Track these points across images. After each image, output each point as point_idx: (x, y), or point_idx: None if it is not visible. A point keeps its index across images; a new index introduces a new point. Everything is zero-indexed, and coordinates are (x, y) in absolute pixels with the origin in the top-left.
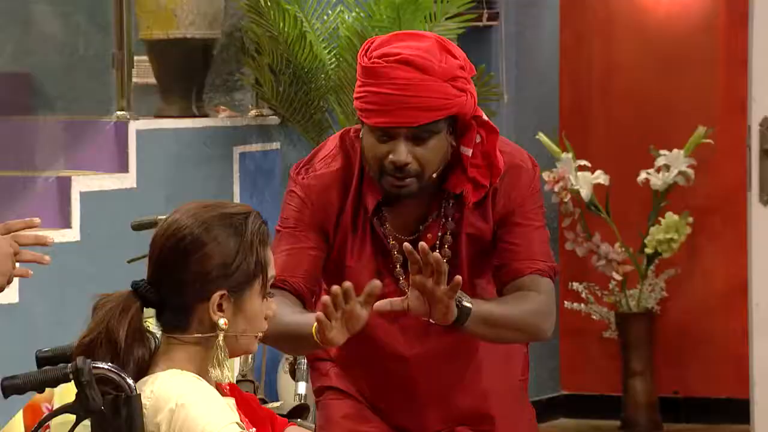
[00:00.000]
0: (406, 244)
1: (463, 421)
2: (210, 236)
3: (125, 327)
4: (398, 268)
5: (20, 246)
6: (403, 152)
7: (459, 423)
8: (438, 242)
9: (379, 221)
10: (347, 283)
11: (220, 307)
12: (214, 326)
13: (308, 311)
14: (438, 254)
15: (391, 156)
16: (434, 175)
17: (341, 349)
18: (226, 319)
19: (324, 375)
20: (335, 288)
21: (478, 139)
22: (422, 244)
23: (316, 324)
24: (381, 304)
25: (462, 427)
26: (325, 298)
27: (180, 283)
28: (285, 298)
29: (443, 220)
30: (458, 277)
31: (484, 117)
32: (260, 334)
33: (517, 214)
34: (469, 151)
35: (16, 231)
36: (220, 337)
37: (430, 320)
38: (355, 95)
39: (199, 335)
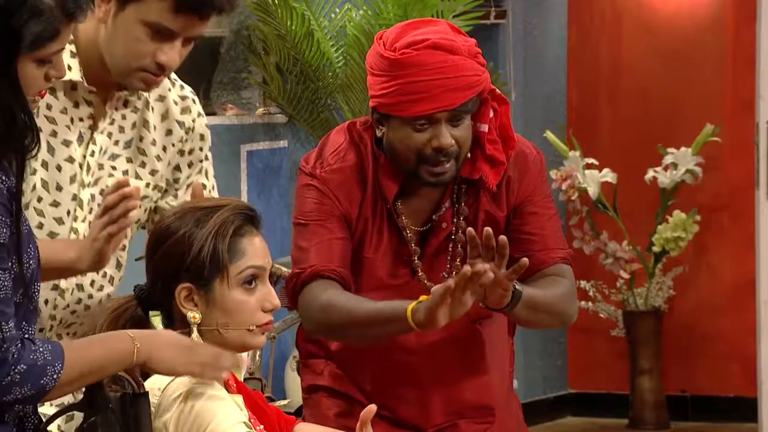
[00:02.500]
0: (469, 229)
1: (465, 414)
2: (172, 230)
3: (127, 328)
4: (416, 260)
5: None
6: (447, 135)
7: (461, 416)
8: (453, 230)
9: (395, 212)
10: (479, 266)
11: (190, 301)
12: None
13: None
14: (504, 237)
15: (434, 142)
16: (468, 156)
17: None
18: (195, 313)
19: (318, 374)
20: (466, 269)
21: (491, 114)
22: (487, 229)
23: (412, 306)
24: (437, 288)
25: (464, 420)
26: (450, 281)
27: (156, 279)
28: (334, 287)
29: (456, 207)
30: (524, 260)
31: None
32: (254, 328)
33: (531, 203)
34: (486, 127)
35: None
36: (194, 333)
37: (481, 304)
38: (377, 92)
39: (179, 331)
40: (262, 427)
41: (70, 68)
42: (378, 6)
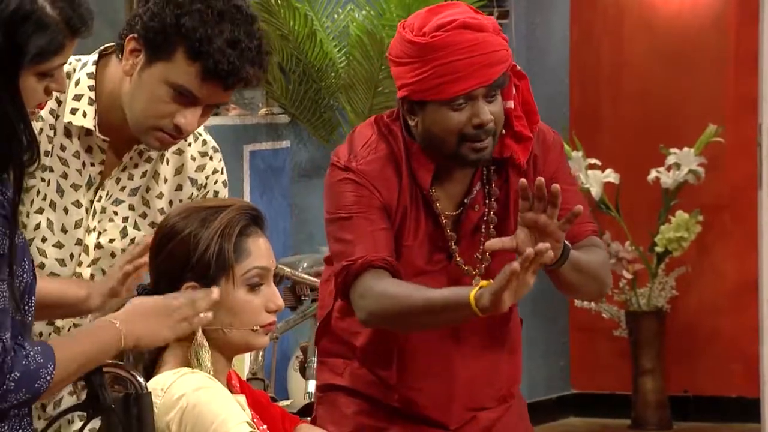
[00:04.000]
0: (522, 180)
1: (486, 405)
2: (177, 230)
3: None
4: (452, 245)
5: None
6: (486, 111)
7: (482, 408)
8: (486, 212)
9: (431, 199)
10: (540, 246)
11: None
12: None
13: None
14: (557, 186)
15: (474, 119)
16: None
17: (376, 333)
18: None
19: (337, 374)
20: (528, 251)
21: (513, 91)
22: (540, 179)
23: (474, 292)
24: (491, 243)
25: (484, 411)
26: (515, 264)
27: (160, 278)
28: (387, 276)
29: (487, 188)
30: (578, 207)
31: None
32: (258, 328)
33: (557, 179)
34: (511, 104)
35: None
36: (198, 333)
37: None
38: (409, 80)
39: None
40: (265, 427)
41: (85, 115)
42: (380, 6)
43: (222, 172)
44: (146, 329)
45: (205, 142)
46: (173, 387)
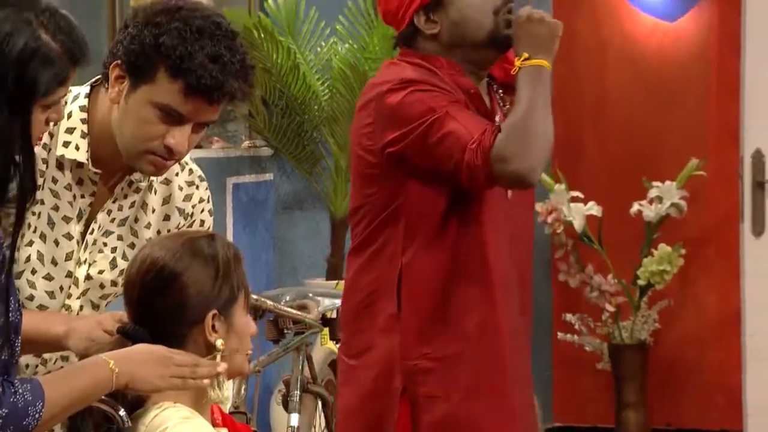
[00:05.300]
0: None
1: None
2: (188, 261)
3: None
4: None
5: None
6: None
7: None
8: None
9: (479, 97)
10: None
11: (213, 328)
12: (210, 348)
13: None
14: None
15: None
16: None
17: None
18: (221, 340)
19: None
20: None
21: None
22: None
23: None
24: None
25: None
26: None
27: (170, 312)
28: None
29: (500, 102)
30: None
31: None
32: (250, 352)
33: None
34: None
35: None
36: (218, 358)
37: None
38: None
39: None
40: None
41: (78, 148)
42: (363, 40)
43: (208, 201)
44: (140, 373)
45: (191, 171)
46: (156, 420)
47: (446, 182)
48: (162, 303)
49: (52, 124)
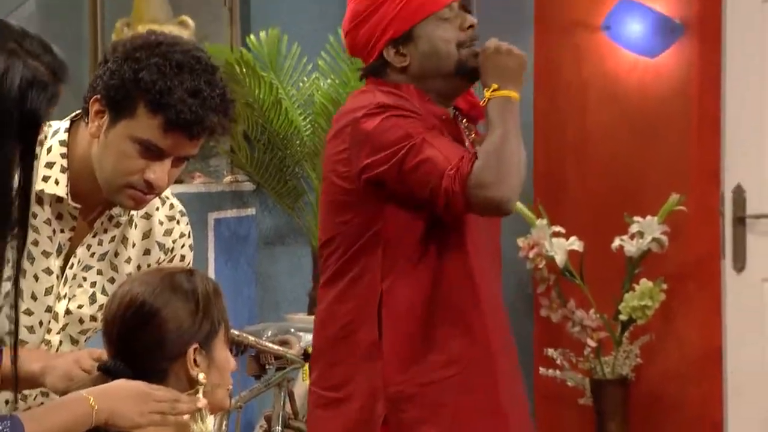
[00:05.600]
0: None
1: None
2: (167, 296)
3: None
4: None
5: None
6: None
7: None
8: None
9: (455, 121)
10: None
11: (195, 362)
12: (192, 382)
13: None
14: None
15: (466, 23)
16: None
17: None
18: (203, 374)
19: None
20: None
21: None
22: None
23: None
24: None
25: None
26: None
27: (150, 348)
28: None
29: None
30: None
31: None
32: (230, 387)
33: None
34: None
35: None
36: (200, 393)
37: None
38: (392, 14)
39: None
40: None
41: (57, 182)
42: (345, 75)
43: (189, 236)
44: (119, 409)
45: (172, 206)
46: None
47: (423, 208)
48: (142, 339)
49: None
